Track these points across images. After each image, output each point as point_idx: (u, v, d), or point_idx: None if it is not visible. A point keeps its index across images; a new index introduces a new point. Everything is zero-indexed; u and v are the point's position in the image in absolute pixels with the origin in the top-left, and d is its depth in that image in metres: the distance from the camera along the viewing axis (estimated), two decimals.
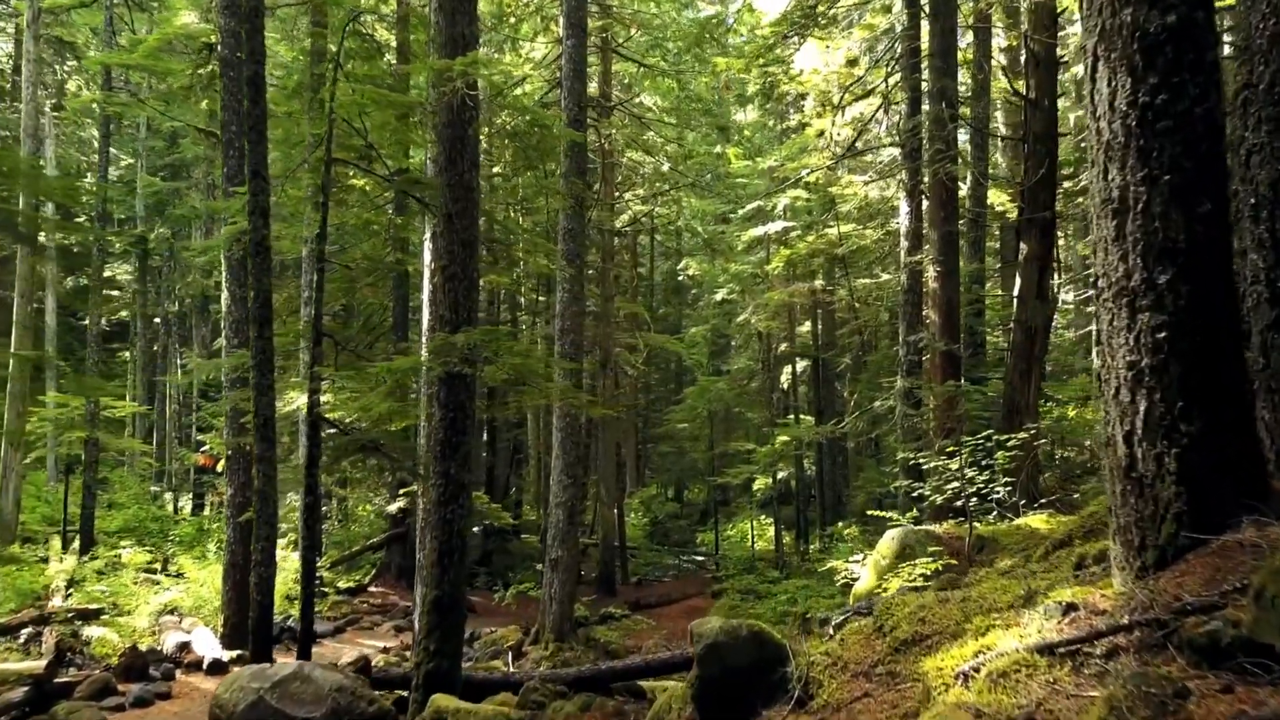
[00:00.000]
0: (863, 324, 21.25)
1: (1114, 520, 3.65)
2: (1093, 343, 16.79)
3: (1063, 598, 3.48)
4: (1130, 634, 2.98)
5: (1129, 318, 3.50)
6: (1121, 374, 3.53)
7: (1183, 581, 3.12)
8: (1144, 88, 3.46)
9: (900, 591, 6.30)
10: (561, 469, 15.08)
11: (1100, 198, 3.66)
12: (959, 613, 4.44)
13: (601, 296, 21.94)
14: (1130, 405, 3.49)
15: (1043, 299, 13.18)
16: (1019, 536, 9.15)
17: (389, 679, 9.09)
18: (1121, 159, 3.53)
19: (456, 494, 7.81)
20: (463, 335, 7.41)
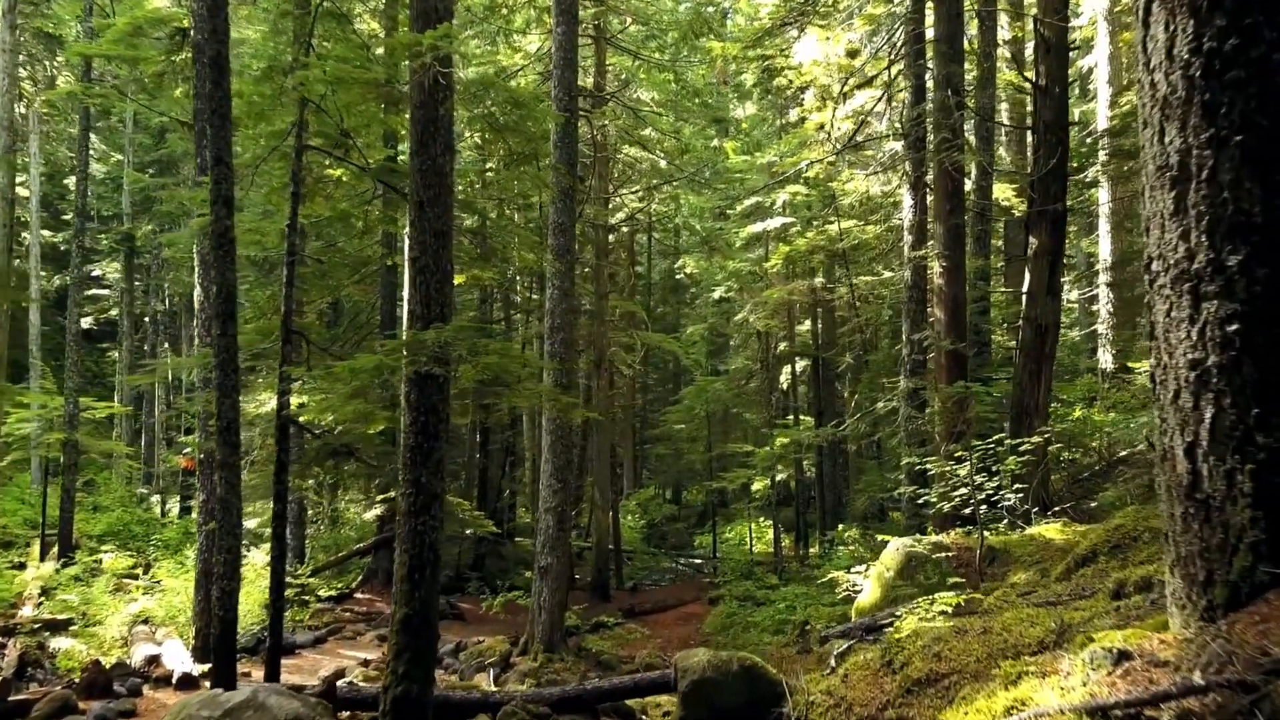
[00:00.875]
0: (864, 322, 20.67)
1: (1170, 548, 3.07)
2: (1146, 337, 15.97)
3: (1111, 642, 2.90)
4: (1205, 697, 2.40)
5: (1191, 307, 2.92)
6: (1182, 374, 2.95)
7: (1267, 629, 2.53)
8: (1209, 31, 2.88)
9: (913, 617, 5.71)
10: (551, 473, 14.50)
11: (1155, 164, 3.08)
12: (980, 648, 3.87)
13: (596, 294, 21.37)
14: (1193, 412, 2.91)
15: (1053, 295, 12.61)
16: (1033, 548, 8.58)
17: (359, 699, 8.52)
18: (1182, 117, 2.95)
19: (428, 504, 7.23)
20: (433, 332, 6.84)
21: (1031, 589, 5.65)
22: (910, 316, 13.59)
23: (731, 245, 25.40)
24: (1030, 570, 7.89)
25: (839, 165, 20.87)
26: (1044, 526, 9.07)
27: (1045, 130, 12.59)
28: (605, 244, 21.87)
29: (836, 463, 26.33)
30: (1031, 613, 4.15)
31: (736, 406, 29.10)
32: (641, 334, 25.04)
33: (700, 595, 21.72)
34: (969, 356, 13.20)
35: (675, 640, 17.62)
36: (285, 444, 9.28)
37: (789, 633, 15.89)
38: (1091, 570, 5.65)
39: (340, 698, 8.48)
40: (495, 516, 26.86)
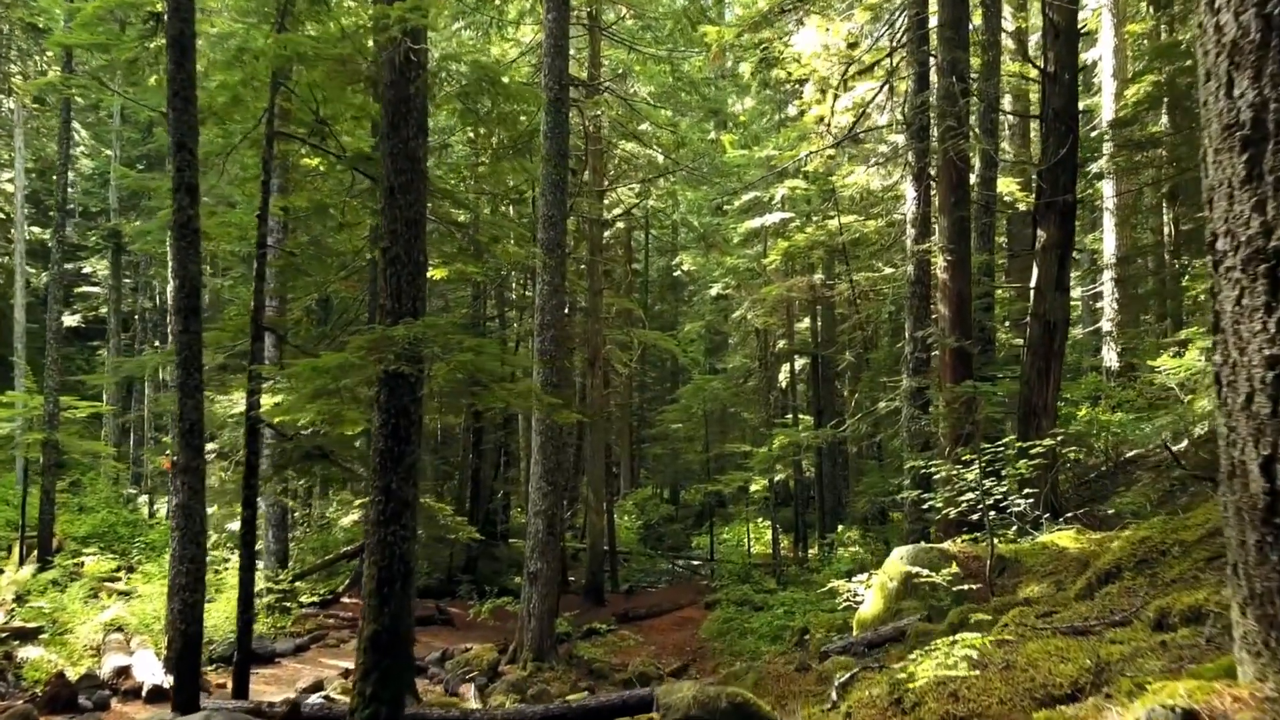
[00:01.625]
0: (864, 319, 20.17)
1: (1240, 583, 2.57)
2: (1210, 329, 15.61)
3: (1173, 698, 2.40)
4: None
5: (1268, 293, 2.41)
6: (1256, 374, 2.45)
7: None
8: None
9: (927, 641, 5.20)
10: (541, 475, 14.01)
11: (1220, 123, 2.57)
12: (1003, 686, 3.38)
13: (590, 291, 20.87)
14: (1271, 420, 2.41)
15: (1062, 291, 12.12)
16: (1045, 557, 8.08)
17: (329, 717, 8.01)
18: (1256, 65, 2.45)
19: (399, 512, 6.73)
20: (402, 328, 6.33)
21: (1051, 608, 5.14)
22: (913, 313, 13.09)
23: (729, 241, 24.89)
24: (1044, 582, 7.39)
25: (839, 159, 20.39)
26: (1056, 534, 8.57)
27: (1054, 118, 12.09)
28: (600, 239, 21.36)
29: (836, 463, 25.83)
30: (1060, 645, 3.65)
31: (734, 406, 28.59)
32: (638, 332, 24.54)
33: (697, 598, 21.23)
34: (974, 354, 12.70)
35: (670, 647, 17.13)
36: (255, 446, 8.79)
37: (787, 640, 15.39)
38: (1117, 588, 5.15)
39: (307, 716, 7.98)
40: (488, 518, 26.41)
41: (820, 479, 24.84)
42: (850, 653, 7.55)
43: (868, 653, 7.49)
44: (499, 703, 11.74)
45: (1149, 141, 16.86)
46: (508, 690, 12.34)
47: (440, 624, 17.39)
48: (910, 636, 7.02)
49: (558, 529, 14.22)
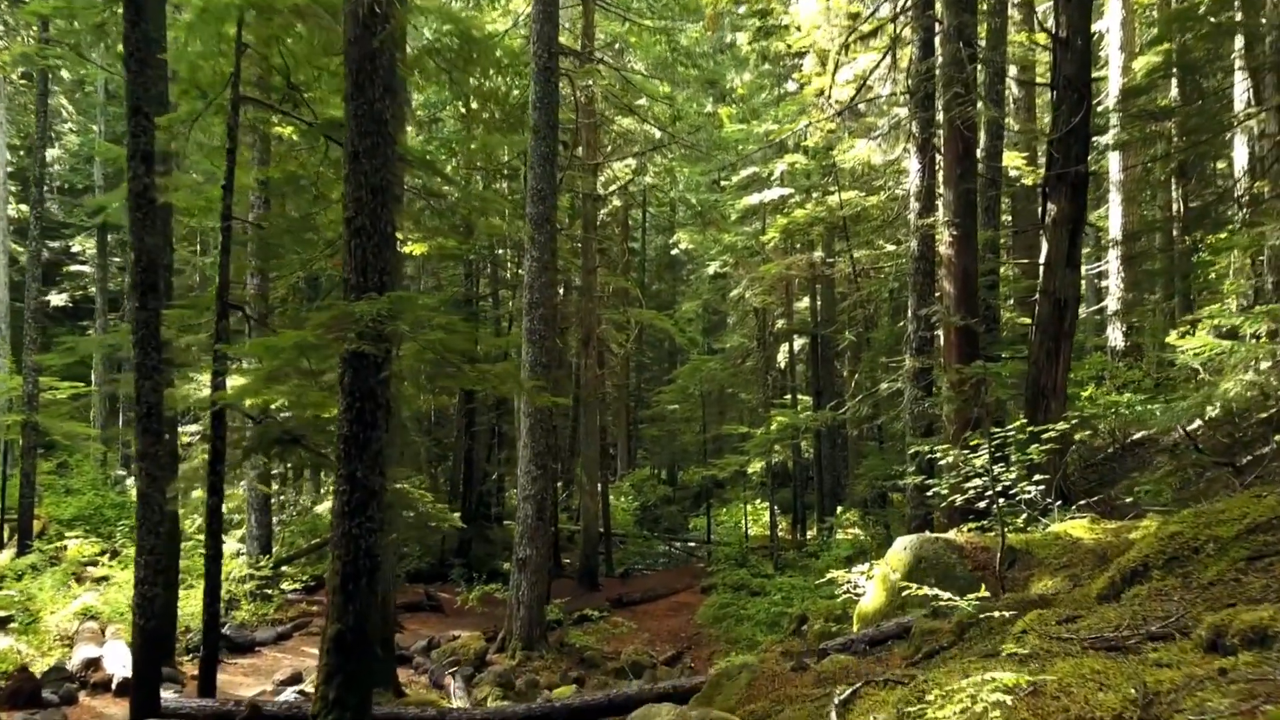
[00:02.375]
0: (865, 296, 19.64)
1: None
2: None
3: None
4: None
5: None
6: None
7: None
8: None
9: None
10: (530, 459, 13.54)
11: None
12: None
13: (583, 269, 20.36)
14: None
15: (1073, 267, 11.59)
16: (1058, 548, 7.60)
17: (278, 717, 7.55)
18: None
19: (365, 503, 6.25)
20: (364, 304, 5.82)
21: (1074, 612, 4.65)
22: (917, 290, 12.56)
23: (727, 218, 24.32)
24: (1058, 576, 6.92)
25: (839, 133, 19.80)
26: (1068, 523, 8.09)
27: (1066, 86, 11.51)
28: (594, 216, 20.81)
29: (836, 444, 25.38)
30: (1096, 665, 3.16)
31: (732, 386, 28.12)
32: (634, 311, 24.02)
33: (693, 582, 20.84)
34: (980, 333, 12.19)
35: (665, 633, 16.72)
36: (220, 430, 8.30)
37: (784, 627, 14.96)
38: (1146, 590, 4.66)
39: (269, 715, 7.53)
40: (481, 500, 25.98)
41: (819, 460, 24.40)
42: (851, 650, 7.08)
43: (869, 651, 7.03)
44: (484, 695, 11.33)
45: (1161, 112, 16.28)
46: (494, 681, 11.93)
47: (429, 610, 16.97)
48: (915, 635, 6.55)
49: (548, 514, 13.77)
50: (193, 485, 9.34)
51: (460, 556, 23.66)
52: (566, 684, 12.53)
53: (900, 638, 7.12)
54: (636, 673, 13.43)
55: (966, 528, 8.88)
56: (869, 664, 6.60)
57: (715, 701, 6.76)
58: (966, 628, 6.22)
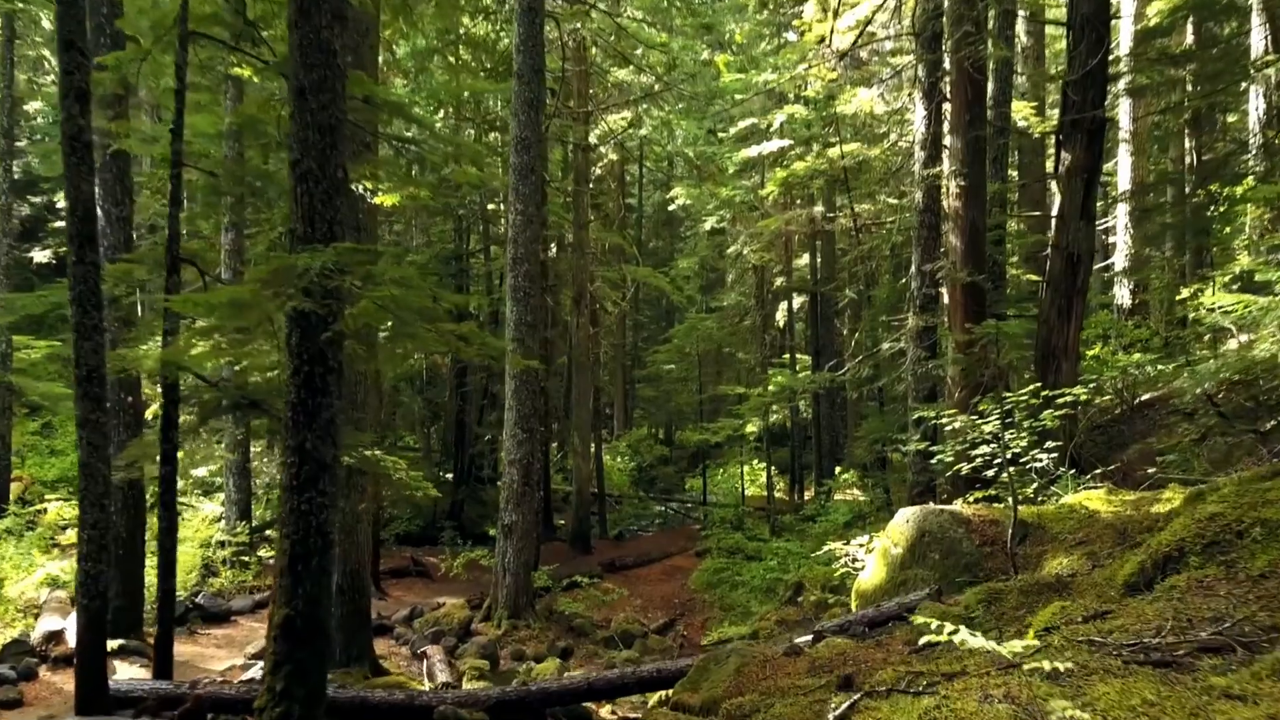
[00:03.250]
0: (866, 251, 18.94)
1: None
2: None
3: None
4: None
5: None
6: None
7: None
8: None
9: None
10: (515, 421, 12.99)
11: None
12: None
13: (574, 224, 19.64)
14: None
15: (1088, 219, 10.94)
16: (1073, 522, 7.04)
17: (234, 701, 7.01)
18: None
19: (315, 476, 5.67)
20: (306, 256, 5.20)
21: (1102, 606, 4.08)
22: (921, 245, 11.90)
23: (724, 171, 23.52)
24: (1075, 554, 6.37)
25: (841, 82, 18.98)
26: (1083, 494, 7.53)
27: (1083, 25, 10.76)
28: (586, 168, 20.05)
29: (835, 404, 24.85)
30: (1148, 693, 2.59)
31: (729, 346, 27.53)
32: (628, 268, 23.34)
33: (688, 545, 20.41)
34: (987, 290, 11.58)
35: (657, 599, 16.29)
36: (173, 395, 7.71)
37: (780, 594, 14.52)
38: (1184, 581, 4.09)
39: (223, 700, 7.03)
40: (473, 461, 25.49)
41: (817, 421, 23.88)
42: (848, 633, 6.56)
43: (868, 634, 6.51)
44: (465, 668, 10.87)
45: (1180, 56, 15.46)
46: (477, 653, 11.48)
47: (415, 575, 16.53)
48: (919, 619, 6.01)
49: (534, 479, 13.24)
50: (152, 456, 8.77)
51: (452, 519, 23.22)
52: (554, 654, 12.09)
53: (902, 619, 6.59)
54: (626, 642, 12.99)
55: (972, 497, 8.34)
56: (868, 650, 6.07)
57: (701, 688, 6.25)
58: (974, 612, 5.68)
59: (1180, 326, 19.55)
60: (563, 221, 21.43)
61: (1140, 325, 20.48)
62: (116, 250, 10.13)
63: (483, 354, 6.66)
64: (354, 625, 10.08)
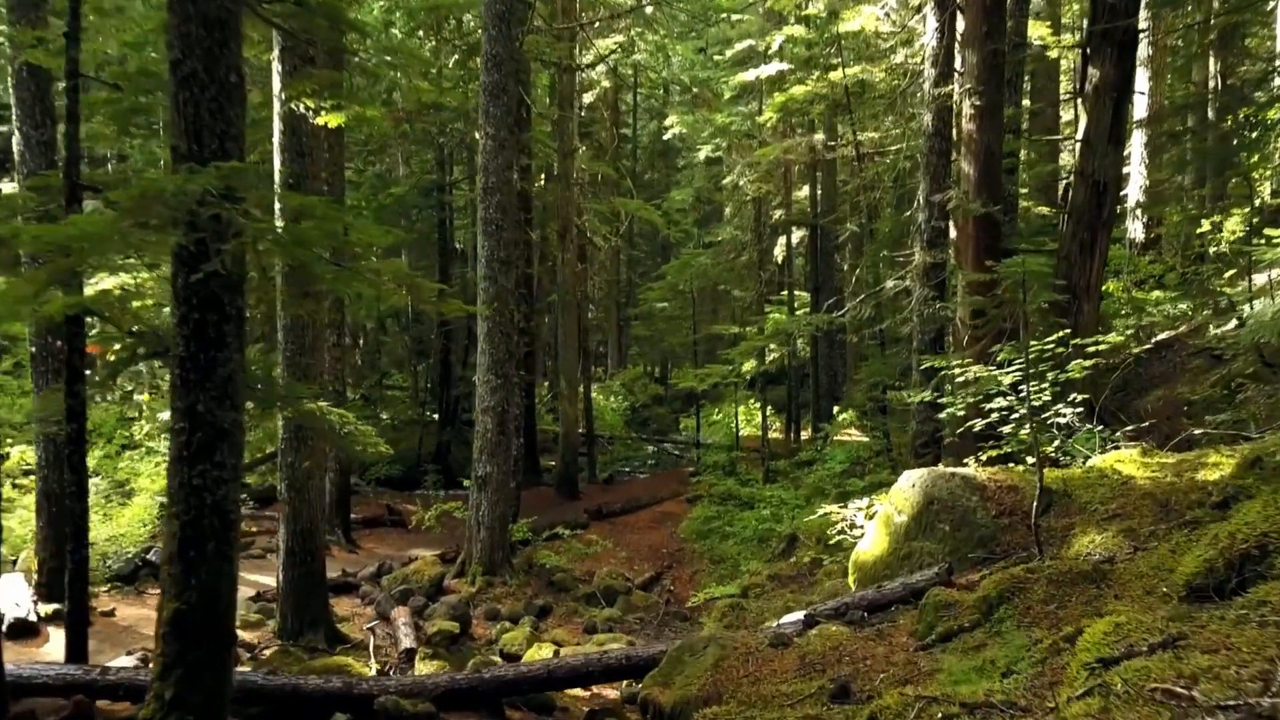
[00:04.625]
0: (870, 180, 17.78)
1: None
2: None
3: None
4: None
5: None
6: None
7: None
8: None
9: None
10: (488, 366, 12.05)
11: None
12: None
13: (559, 153, 18.45)
14: None
15: (1116, 144, 9.87)
16: (1104, 489, 6.14)
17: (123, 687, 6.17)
18: None
19: (211, 444, 4.75)
20: (179, 178, 4.18)
21: (1174, 633, 3.17)
22: (930, 173, 10.81)
23: (719, 96, 22.21)
24: (1109, 530, 5.47)
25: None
26: (1113, 455, 6.62)
27: None
28: (571, 92, 18.78)
29: (834, 342, 23.89)
30: None
31: (725, 283, 26.43)
32: (618, 201, 22.18)
33: (680, 489, 19.65)
34: (1002, 223, 10.54)
35: (645, 549, 15.53)
36: (77, 342, 6.77)
37: (773, 547, 13.74)
38: (1271, 591, 3.18)
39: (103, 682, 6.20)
40: (457, 402, 24.61)
41: (815, 360, 22.94)
42: (845, 618, 5.70)
43: (867, 619, 5.65)
44: (434, 631, 10.11)
45: None
46: (447, 615, 10.71)
47: (390, 525, 15.75)
48: (927, 607, 5.14)
49: (509, 428, 12.35)
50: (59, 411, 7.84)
51: (437, 461, 22.44)
52: (531, 613, 11.34)
53: (907, 602, 5.74)
54: (609, 599, 12.25)
55: (985, 455, 7.43)
56: (867, 642, 5.22)
57: (674, 683, 5.42)
58: (995, 605, 4.80)
59: (1198, 262, 18.54)
60: (550, 151, 20.24)
61: (1155, 260, 19.43)
62: None
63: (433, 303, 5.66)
64: (307, 588, 9.29)
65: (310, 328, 8.99)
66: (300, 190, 8.85)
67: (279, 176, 8.90)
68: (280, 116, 8.75)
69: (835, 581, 10.08)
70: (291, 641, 9.14)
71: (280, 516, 9.29)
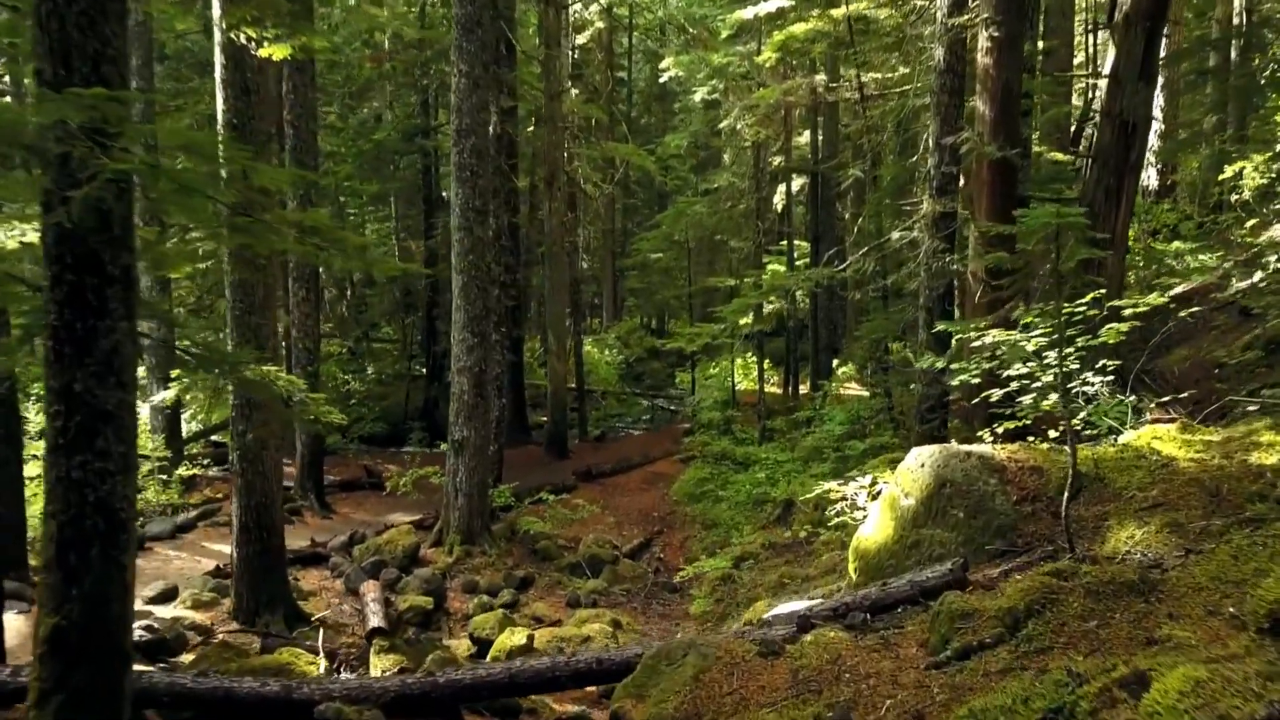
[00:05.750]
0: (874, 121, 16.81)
1: None
2: None
3: None
4: None
5: None
6: None
7: None
8: None
9: None
10: (464, 324, 11.26)
11: None
12: None
13: (545, 94, 17.44)
14: None
15: (1148, 79, 8.97)
16: (1141, 472, 5.39)
17: None
18: None
19: (93, 430, 3.99)
20: (36, 106, 3.36)
21: (1270, 699, 2.44)
22: (941, 113, 9.89)
23: (716, 34, 21.08)
24: (1152, 524, 4.73)
25: None
26: (1148, 431, 5.86)
27: None
28: (557, 27, 17.72)
29: (834, 294, 23.05)
30: None
31: (722, 233, 25.49)
32: (608, 145, 21.20)
33: (673, 448, 18.98)
34: (1020, 168, 9.68)
35: (635, 513, 14.89)
36: None
37: (768, 512, 13.08)
38: None
39: None
40: (444, 357, 23.79)
41: (815, 312, 22.10)
42: (845, 621, 4.99)
43: (870, 623, 4.94)
44: (406, 607, 9.48)
45: None
46: (420, 588, 10.08)
47: (369, 488, 15.08)
48: (941, 616, 4.41)
49: (488, 388, 11.61)
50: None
51: (424, 418, 21.75)
52: (510, 586, 10.71)
53: (916, 603, 5.02)
54: (594, 569, 11.61)
55: (1000, 428, 6.69)
56: (871, 654, 4.51)
57: (648, 697, 4.72)
58: (1023, 618, 4.07)
59: (1216, 211, 17.65)
60: (539, 94, 19.22)
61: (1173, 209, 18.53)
62: None
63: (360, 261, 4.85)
64: (263, 566, 8.60)
65: (260, 284, 8.20)
66: (246, 133, 8.02)
67: (221, 117, 8.05)
68: (221, 48, 7.89)
69: (833, 554, 9.42)
70: (248, 622, 8.50)
71: (233, 489, 8.57)
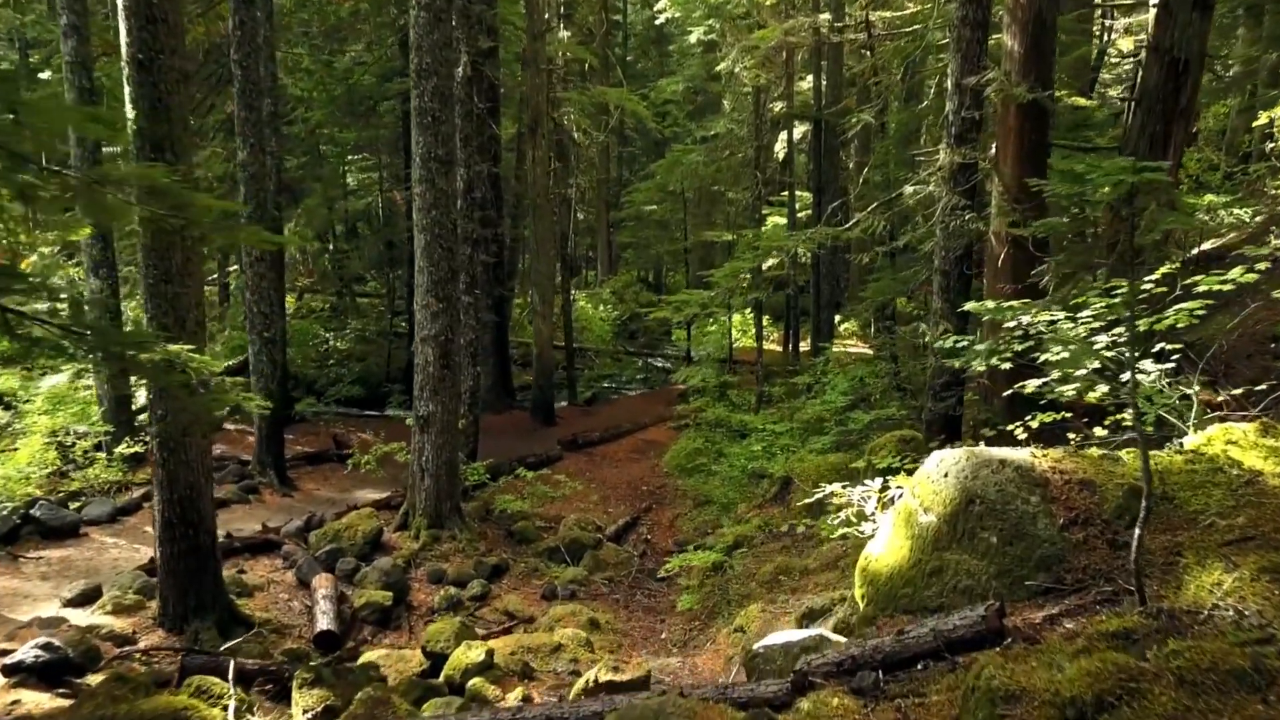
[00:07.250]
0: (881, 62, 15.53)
1: None
2: None
3: None
4: None
5: None
6: None
7: None
8: None
9: None
10: (428, 288, 10.18)
11: None
12: None
13: (528, 34, 16.14)
14: None
15: (1203, 9, 7.77)
16: (1220, 491, 4.35)
17: None
18: None
19: None
20: None
21: None
22: (961, 49, 8.69)
23: None
24: (1243, 566, 3.72)
25: None
26: (1218, 432, 4.80)
27: None
28: None
29: (837, 250, 21.85)
30: None
31: (720, 184, 24.19)
32: (600, 90, 19.90)
33: (666, 412, 18.02)
34: (1052, 112, 8.53)
35: (623, 487, 13.93)
36: None
37: (765, 489, 12.08)
38: None
39: None
40: None
41: (817, 266, 20.93)
42: (850, 678, 3.99)
43: (882, 686, 3.92)
44: (361, 604, 8.54)
45: None
46: (380, 581, 9.15)
47: (337, 460, 14.08)
48: (978, 695, 3.40)
49: (455, 361, 10.54)
50: None
51: (405, 380, 20.71)
52: (481, 575, 9.79)
53: (940, 657, 4.01)
54: (574, 554, 10.68)
55: (1036, 421, 5.63)
56: None
57: None
58: (1089, 715, 3.06)
59: (1245, 160, 16.51)
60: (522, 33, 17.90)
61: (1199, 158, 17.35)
62: None
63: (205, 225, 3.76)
64: (192, 566, 7.61)
65: (179, 248, 7.10)
66: (154, 70, 6.88)
67: (125, 51, 6.89)
68: None
69: (834, 544, 8.48)
70: (176, 629, 7.55)
71: (153, 481, 7.56)
